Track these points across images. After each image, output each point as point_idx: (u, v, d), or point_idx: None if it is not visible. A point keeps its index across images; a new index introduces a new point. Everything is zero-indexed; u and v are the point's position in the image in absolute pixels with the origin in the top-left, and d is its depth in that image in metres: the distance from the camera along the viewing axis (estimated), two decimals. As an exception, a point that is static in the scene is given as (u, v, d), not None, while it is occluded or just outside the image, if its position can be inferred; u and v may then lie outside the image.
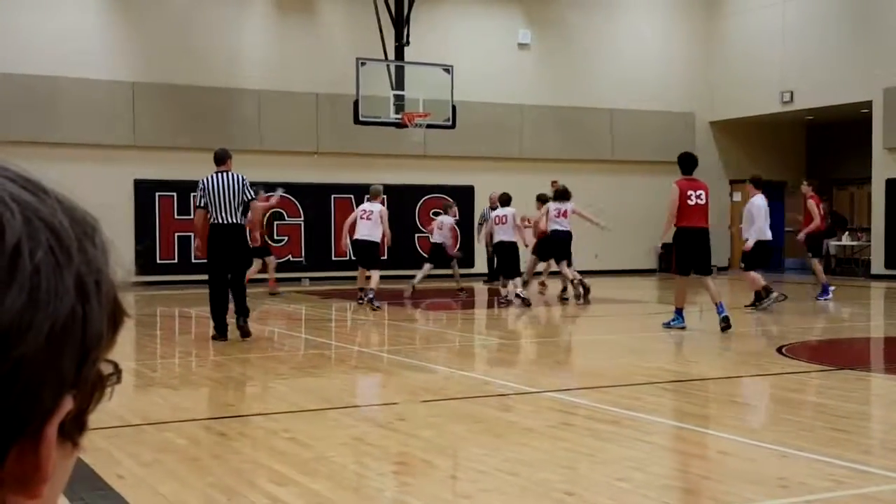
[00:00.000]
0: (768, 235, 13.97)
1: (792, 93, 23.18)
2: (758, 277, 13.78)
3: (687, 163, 11.59)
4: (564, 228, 15.71)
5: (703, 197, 11.32)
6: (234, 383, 8.01)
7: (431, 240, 17.20)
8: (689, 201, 11.24)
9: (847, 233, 24.53)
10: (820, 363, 9.00)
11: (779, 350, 9.58)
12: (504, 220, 14.96)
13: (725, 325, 10.98)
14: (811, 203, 15.69)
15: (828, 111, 23.29)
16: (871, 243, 21.99)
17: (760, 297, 13.87)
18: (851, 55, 21.85)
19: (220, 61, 20.82)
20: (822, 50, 22.46)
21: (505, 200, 15.24)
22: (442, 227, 16.71)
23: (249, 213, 10.79)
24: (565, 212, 15.78)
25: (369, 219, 14.78)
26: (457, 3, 22.95)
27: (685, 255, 11.43)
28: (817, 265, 15.79)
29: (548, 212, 15.82)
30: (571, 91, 24.02)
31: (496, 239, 15.08)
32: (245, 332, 10.52)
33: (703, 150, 25.64)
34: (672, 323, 11.46)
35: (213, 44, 20.79)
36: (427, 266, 16.65)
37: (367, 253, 14.92)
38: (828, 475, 4.86)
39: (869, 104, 21.65)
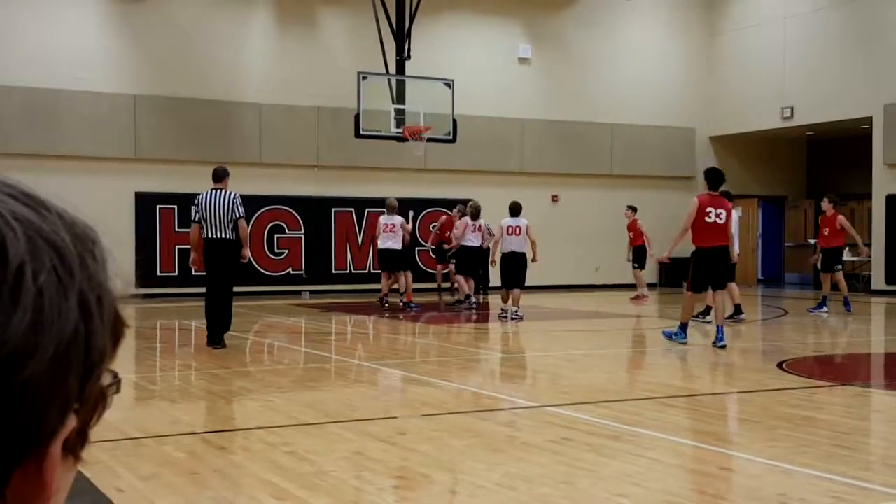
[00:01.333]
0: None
1: (792, 108, 23.22)
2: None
3: (713, 177, 11.16)
4: (475, 244, 17.05)
5: (722, 216, 10.90)
6: (234, 396, 8.00)
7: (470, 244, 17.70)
8: (706, 218, 10.85)
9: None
10: (821, 379, 8.99)
11: (779, 365, 9.57)
12: (518, 231, 14.91)
13: (721, 347, 10.89)
14: (842, 219, 15.76)
15: (828, 127, 23.32)
16: (872, 259, 21.97)
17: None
18: (852, 71, 21.90)
19: (221, 74, 20.87)
20: (823, 66, 22.51)
21: (517, 210, 15.15)
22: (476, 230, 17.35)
23: (242, 231, 10.98)
24: (479, 227, 17.11)
25: (393, 231, 16.97)
26: (457, 17, 23.01)
27: (701, 274, 11.09)
28: (842, 277, 16.01)
29: (466, 226, 17.00)
30: (572, 105, 24.07)
31: (507, 249, 14.96)
32: (216, 342, 10.89)
33: (703, 165, 25.53)
34: (674, 336, 11.35)
35: (215, 57, 20.85)
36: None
37: (397, 260, 17.07)
38: (828, 491, 4.84)
39: (869, 120, 21.68)
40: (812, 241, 24.92)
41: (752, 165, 26.07)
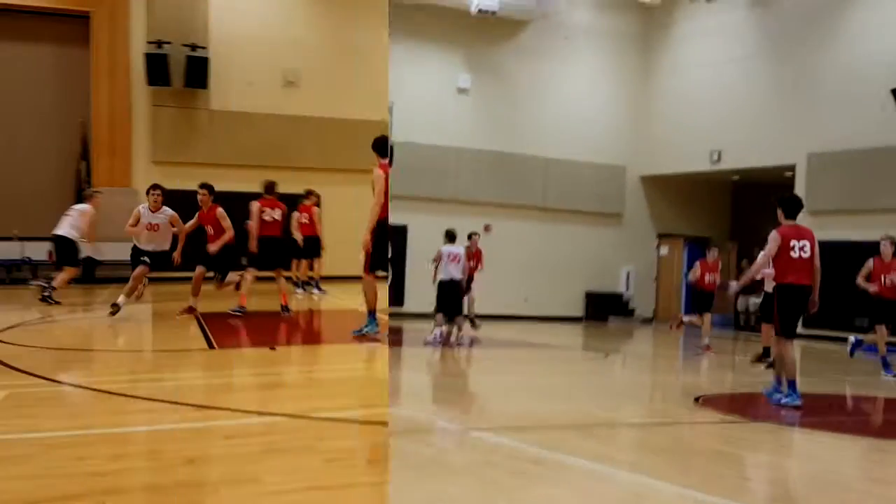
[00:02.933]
0: None
1: (720, 152, 23.84)
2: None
3: (791, 205, 9.90)
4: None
5: (807, 249, 9.67)
6: None
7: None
8: (791, 253, 9.64)
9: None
10: (733, 414, 9.28)
11: (696, 400, 9.86)
12: (457, 259, 15.00)
13: (795, 408, 9.39)
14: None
15: (754, 172, 23.98)
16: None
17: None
18: (778, 118, 22.58)
19: None
20: (751, 112, 23.18)
21: (455, 237, 15.31)
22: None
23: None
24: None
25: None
26: (399, 44, 23.25)
27: (790, 314, 9.70)
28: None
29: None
30: (508, 137, 24.43)
31: (448, 276, 14.86)
32: None
33: (632, 203, 26.23)
34: (785, 400, 9.56)
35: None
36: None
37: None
38: (735, 520, 5.08)
39: (793, 167, 22.35)
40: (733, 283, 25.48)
41: (680, 206, 26.68)
